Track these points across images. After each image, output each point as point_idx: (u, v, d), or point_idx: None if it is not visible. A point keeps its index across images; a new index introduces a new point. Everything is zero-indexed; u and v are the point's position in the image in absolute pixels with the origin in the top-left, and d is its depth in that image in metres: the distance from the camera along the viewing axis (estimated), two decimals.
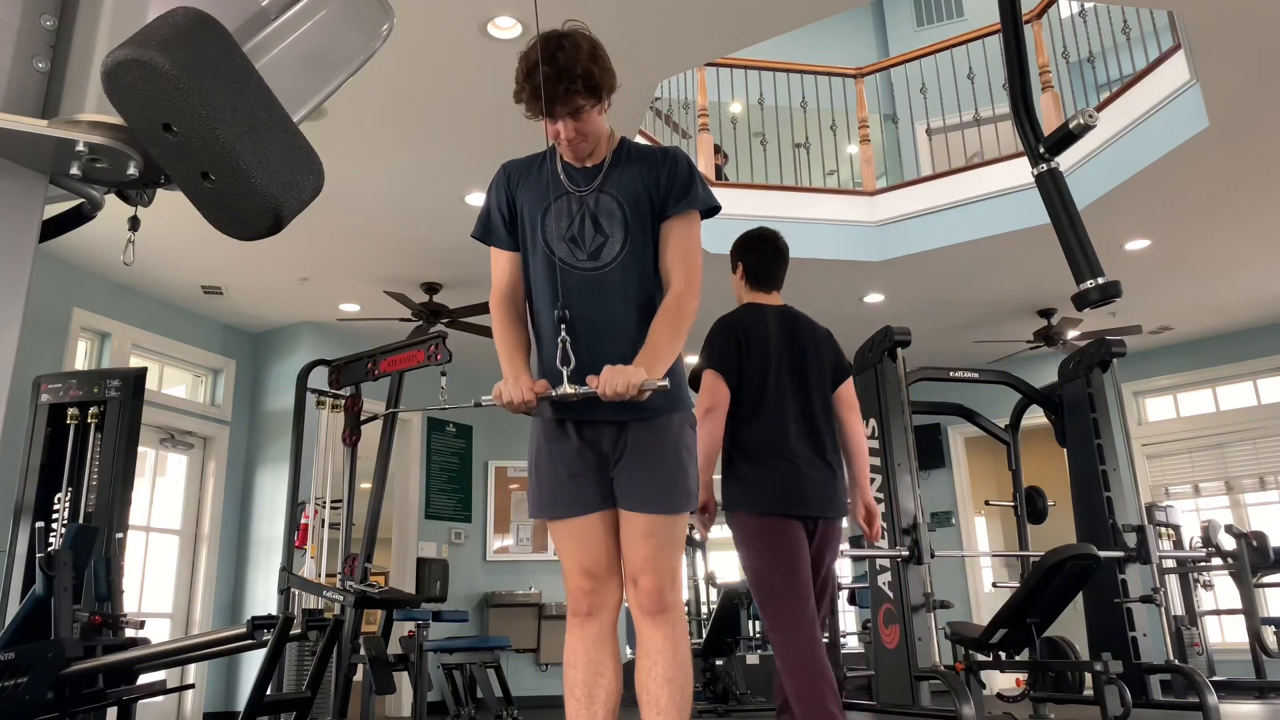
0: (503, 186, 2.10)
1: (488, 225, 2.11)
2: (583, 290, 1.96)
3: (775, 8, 3.99)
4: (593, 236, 1.99)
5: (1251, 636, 5.63)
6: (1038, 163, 1.75)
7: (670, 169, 2.03)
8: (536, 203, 2.03)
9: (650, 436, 1.95)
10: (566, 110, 1.90)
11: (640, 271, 2.00)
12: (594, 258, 1.99)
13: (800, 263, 6.42)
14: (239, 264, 6.03)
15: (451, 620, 5.71)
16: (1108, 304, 1.68)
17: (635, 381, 1.78)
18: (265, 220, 1.05)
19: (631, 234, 1.99)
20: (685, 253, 2.02)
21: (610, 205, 2.00)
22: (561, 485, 1.97)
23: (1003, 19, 1.80)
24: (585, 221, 2.00)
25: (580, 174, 2.04)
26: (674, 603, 1.95)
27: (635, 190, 2.01)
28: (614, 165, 2.04)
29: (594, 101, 1.93)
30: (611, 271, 1.98)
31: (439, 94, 4.36)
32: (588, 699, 1.93)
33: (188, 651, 3.78)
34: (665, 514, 1.94)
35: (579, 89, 1.88)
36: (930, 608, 4.25)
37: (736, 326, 2.79)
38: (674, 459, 1.96)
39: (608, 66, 1.96)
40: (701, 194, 2.04)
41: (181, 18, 1.01)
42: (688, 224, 2.04)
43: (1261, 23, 4.04)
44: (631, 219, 1.99)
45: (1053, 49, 6.30)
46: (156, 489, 6.49)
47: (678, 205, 2.01)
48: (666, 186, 2.01)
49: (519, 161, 2.13)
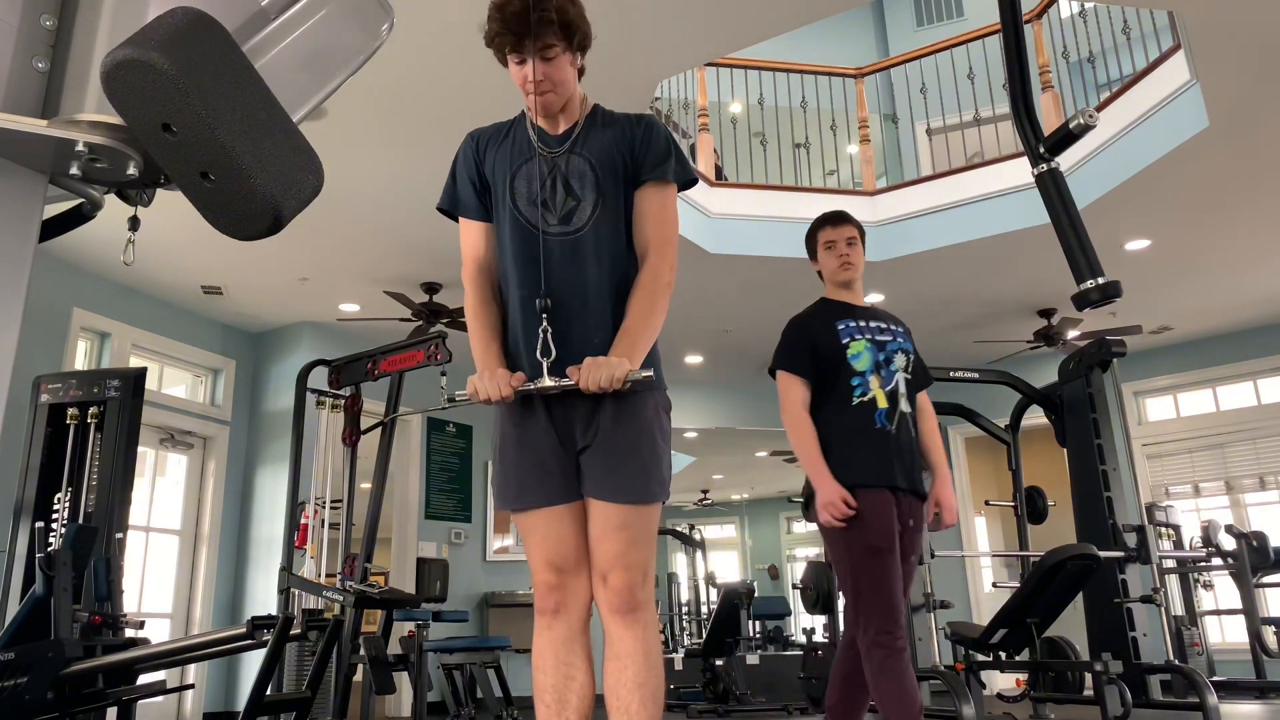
0: (471, 155, 2.02)
1: (455, 196, 2.02)
2: (554, 256, 1.87)
3: (775, 8, 3.99)
4: (564, 200, 1.91)
5: (1251, 636, 5.63)
6: (1038, 163, 1.75)
7: (645, 134, 1.96)
8: (506, 166, 1.96)
9: (623, 420, 1.84)
10: (538, 46, 1.83)
11: (613, 235, 1.92)
12: (565, 221, 1.90)
13: (800, 263, 6.43)
14: (239, 264, 6.03)
15: (451, 620, 5.71)
16: (1108, 304, 1.68)
17: (619, 375, 1.72)
18: (265, 220, 1.05)
19: (604, 196, 1.91)
20: (659, 222, 1.94)
21: (582, 167, 1.92)
22: (529, 474, 1.86)
23: (1003, 19, 1.80)
24: (556, 184, 1.92)
25: (553, 138, 1.96)
26: (645, 601, 1.84)
27: (609, 152, 1.93)
28: (587, 128, 1.97)
29: (566, 45, 1.86)
30: (583, 236, 1.89)
31: (438, 94, 4.36)
32: (559, 704, 1.82)
33: (187, 651, 3.78)
34: (638, 504, 1.83)
35: (552, 20, 1.82)
36: (930, 608, 4.25)
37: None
38: (648, 445, 1.85)
39: (584, 15, 1.90)
40: (676, 165, 1.97)
41: (181, 18, 1.01)
42: (662, 193, 1.96)
43: (1261, 23, 4.04)
44: (604, 181, 1.92)
45: (1053, 49, 6.30)
46: (156, 489, 6.49)
47: (652, 171, 1.94)
48: (640, 151, 1.94)
49: (487, 129, 2.05)
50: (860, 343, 2.72)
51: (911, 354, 2.79)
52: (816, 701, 4.90)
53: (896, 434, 2.65)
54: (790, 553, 15.83)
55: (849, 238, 2.83)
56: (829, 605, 5.13)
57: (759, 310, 6.96)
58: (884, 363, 2.71)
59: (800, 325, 2.83)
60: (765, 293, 6.65)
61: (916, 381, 2.79)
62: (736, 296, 6.68)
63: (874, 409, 2.65)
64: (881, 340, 2.74)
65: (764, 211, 6.25)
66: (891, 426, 2.65)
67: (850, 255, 2.81)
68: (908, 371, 2.75)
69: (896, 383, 2.70)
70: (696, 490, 14.54)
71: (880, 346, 2.72)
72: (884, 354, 2.72)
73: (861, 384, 2.67)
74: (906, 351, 2.77)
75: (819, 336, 2.74)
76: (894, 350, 2.74)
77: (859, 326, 2.75)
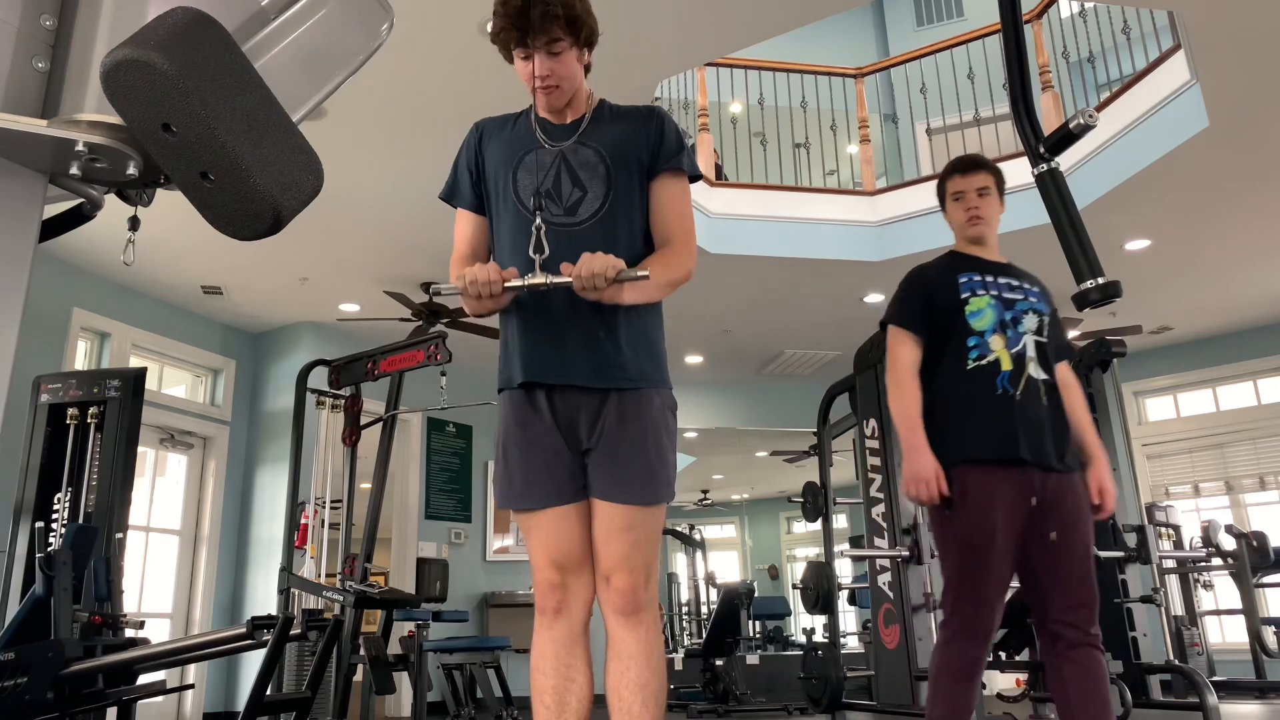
0: (474, 144, 1.99)
1: (454, 186, 2.01)
2: (557, 246, 1.81)
3: (775, 8, 3.99)
4: (570, 190, 1.87)
5: (1251, 636, 5.63)
6: (1038, 163, 1.75)
7: (658, 125, 1.94)
8: (508, 156, 1.93)
9: (630, 417, 1.81)
10: (543, 41, 1.80)
11: (627, 229, 1.88)
12: (570, 213, 1.86)
13: (800, 263, 6.46)
14: (239, 264, 6.03)
15: (451, 620, 5.71)
16: (1108, 304, 1.67)
17: (613, 263, 1.68)
18: (265, 220, 1.05)
19: (615, 189, 1.87)
20: (680, 214, 1.93)
21: (591, 158, 1.89)
22: (534, 472, 1.82)
23: (1003, 19, 1.80)
24: (562, 174, 1.88)
25: (558, 129, 1.93)
26: (649, 602, 1.82)
27: (620, 143, 1.90)
28: (595, 120, 1.94)
29: (572, 40, 1.83)
30: (589, 228, 1.85)
31: (438, 94, 4.36)
32: (558, 706, 1.79)
33: (187, 651, 3.78)
34: (644, 505, 1.81)
35: (558, 14, 1.79)
36: (930, 608, 4.25)
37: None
38: (655, 444, 1.82)
39: (590, 10, 1.87)
40: (688, 158, 1.96)
41: (181, 18, 1.01)
42: (680, 184, 1.94)
43: (1261, 23, 4.04)
44: (615, 173, 1.88)
45: (1053, 49, 6.30)
46: (156, 489, 6.49)
47: (668, 163, 1.92)
48: (655, 142, 1.92)
49: (494, 119, 2.02)
50: (982, 299, 2.40)
51: (1047, 316, 2.44)
52: (816, 701, 4.90)
53: (1023, 400, 2.30)
54: (790, 553, 15.84)
55: (980, 187, 2.51)
56: (829, 605, 5.13)
57: (759, 310, 6.96)
58: (1010, 322, 2.38)
59: (918, 275, 2.52)
60: (765, 293, 6.65)
61: (1054, 347, 2.43)
62: (736, 296, 6.68)
63: (995, 372, 2.32)
64: (1010, 298, 2.41)
65: (764, 211, 6.25)
66: (1016, 391, 2.30)
67: (980, 207, 2.49)
68: (1040, 334, 2.40)
69: (1024, 345, 2.36)
70: (696, 490, 14.54)
71: (1008, 304, 2.40)
72: (1011, 313, 2.39)
73: (980, 344, 2.35)
74: (1040, 313, 2.43)
75: (937, 289, 2.44)
76: (1024, 310, 2.41)
77: (984, 281, 2.43)
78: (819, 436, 5.57)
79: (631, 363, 1.83)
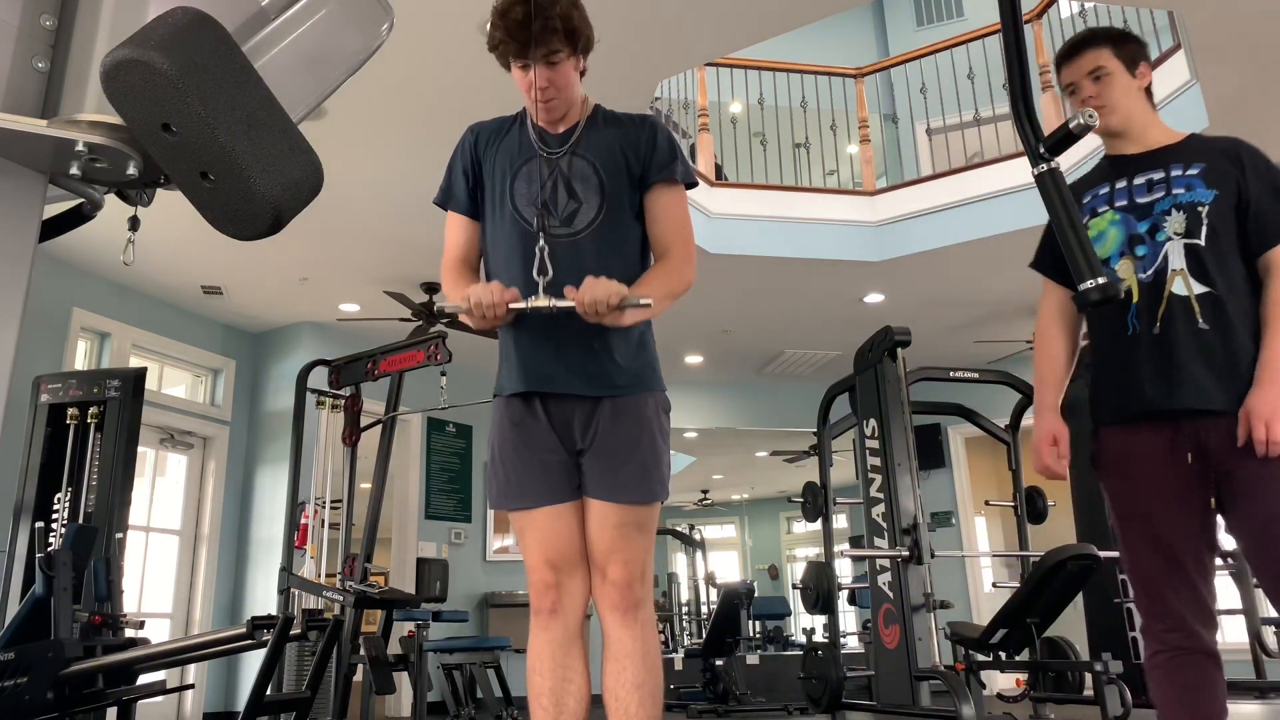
0: (469, 148, 2.00)
1: (449, 190, 2.01)
2: (555, 256, 1.83)
3: (775, 8, 3.99)
4: (566, 202, 1.88)
5: (1251, 636, 5.63)
6: (1038, 163, 1.74)
7: (650, 134, 1.94)
8: (505, 166, 1.93)
9: (623, 419, 1.83)
10: (542, 53, 1.81)
11: (621, 238, 1.89)
12: (566, 224, 1.87)
13: (800, 263, 6.46)
14: (239, 264, 6.03)
15: (451, 620, 5.71)
16: (1108, 304, 1.67)
17: (616, 290, 1.68)
18: (265, 220, 1.05)
19: (608, 200, 1.88)
20: (679, 223, 1.93)
21: (585, 170, 1.89)
22: (529, 472, 1.84)
23: (1003, 19, 1.79)
24: (558, 186, 1.89)
25: (554, 138, 1.93)
26: (644, 599, 1.83)
27: (612, 154, 1.91)
28: (588, 129, 1.94)
29: (570, 50, 1.84)
30: (585, 239, 1.86)
31: (438, 94, 4.36)
32: (556, 707, 1.79)
33: (187, 651, 3.78)
34: (639, 504, 1.82)
35: (557, 28, 1.79)
36: (930, 608, 4.25)
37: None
38: (648, 445, 1.84)
39: (587, 19, 1.88)
40: (682, 166, 1.96)
41: (181, 18, 1.01)
42: (675, 193, 1.94)
43: (1261, 23, 4.04)
44: (608, 184, 1.89)
45: (1053, 49, 6.29)
46: (156, 489, 6.49)
47: (661, 173, 1.92)
48: (647, 152, 1.92)
49: (489, 123, 2.02)
50: (1104, 217, 1.96)
51: (1206, 205, 1.88)
52: (816, 701, 4.90)
53: (1161, 335, 1.84)
54: (790, 553, 15.84)
55: (1092, 71, 1.99)
56: (829, 605, 5.13)
57: (759, 310, 6.96)
58: (1144, 236, 1.90)
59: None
60: (765, 293, 6.65)
61: (1226, 241, 1.86)
62: (736, 296, 6.68)
63: (1124, 308, 1.89)
64: (1145, 201, 1.92)
65: (764, 211, 6.25)
66: (1153, 326, 1.85)
67: (1099, 94, 1.97)
68: (1191, 234, 1.87)
69: (1164, 257, 1.87)
70: (696, 490, 14.54)
71: (1141, 211, 1.92)
72: (1148, 221, 1.91)
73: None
74: (1195, 204, 1.88)
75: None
76: (1164, 210, 1.90)
77: (1110, 193, 1.98)
78: (819, 436, 5.58)
79: (626, 370, 1.85)
